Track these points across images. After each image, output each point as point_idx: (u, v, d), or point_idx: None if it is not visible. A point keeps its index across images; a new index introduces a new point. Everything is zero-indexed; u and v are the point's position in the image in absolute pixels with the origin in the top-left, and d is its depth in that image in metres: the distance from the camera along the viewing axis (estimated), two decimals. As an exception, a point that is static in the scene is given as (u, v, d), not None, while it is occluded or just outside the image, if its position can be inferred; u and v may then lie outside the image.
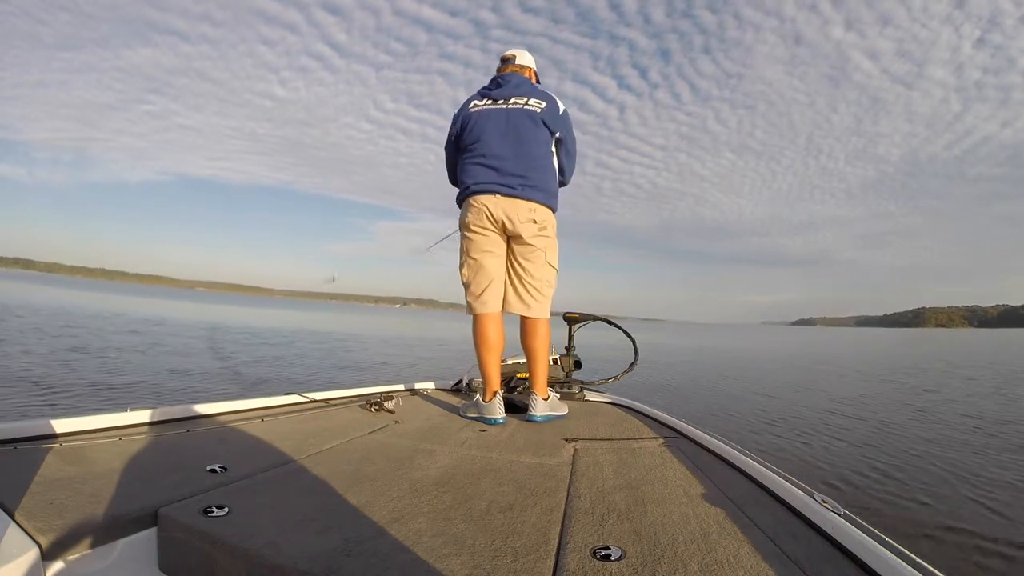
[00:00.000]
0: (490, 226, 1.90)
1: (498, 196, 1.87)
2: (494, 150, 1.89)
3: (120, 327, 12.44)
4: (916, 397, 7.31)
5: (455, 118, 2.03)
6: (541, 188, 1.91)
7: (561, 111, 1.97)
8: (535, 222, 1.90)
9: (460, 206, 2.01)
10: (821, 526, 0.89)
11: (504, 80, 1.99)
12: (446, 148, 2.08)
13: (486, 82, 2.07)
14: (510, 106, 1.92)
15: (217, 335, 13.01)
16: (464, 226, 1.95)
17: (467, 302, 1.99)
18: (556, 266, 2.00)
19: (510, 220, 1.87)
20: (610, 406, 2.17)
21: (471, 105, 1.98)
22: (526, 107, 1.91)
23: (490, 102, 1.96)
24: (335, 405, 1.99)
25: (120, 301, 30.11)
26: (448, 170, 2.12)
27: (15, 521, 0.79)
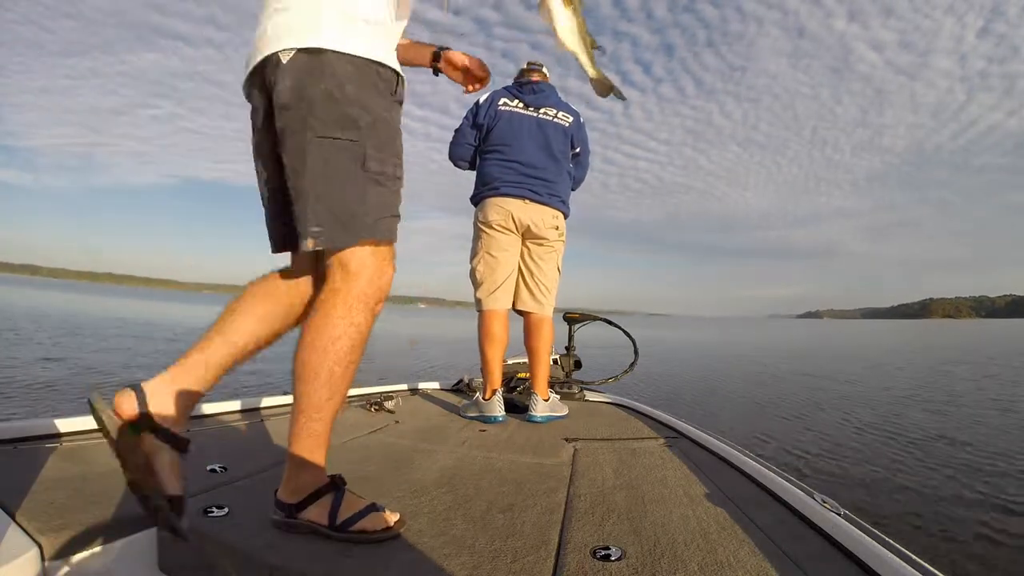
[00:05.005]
0: (512, 227, 1.96)
1: (526, 201, 1.94)
2: (526, 156, 1.94)
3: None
4: (911, 395, 7.31)
5: (480, 108, 2.01)
6: (563, 197, 2.03)
7: (582, 126, 2.06)
8: (557, 228, 2.02)
9: (478, 202, 2.03)
10: (821, 526, 0.89)
11: (537, 88, 2.02)
12: (460, 130, 2.06)
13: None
14: (540, 115, 1.99)
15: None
16: (486, 224, 1.98)
17: (476, 298, 2.02)
18: (561, 270, 2.09)
19: (535, 224, 1.96)
20: (610, 406, 2.17)
21: (500, 102, 1.98)
22: (556, 120, 2.00)
23: (522, 105, 1.98)
24: None
25: (137, 306, 30.13)
26: (456, 152, 2.09)
27: (15, 521, 0.78)
